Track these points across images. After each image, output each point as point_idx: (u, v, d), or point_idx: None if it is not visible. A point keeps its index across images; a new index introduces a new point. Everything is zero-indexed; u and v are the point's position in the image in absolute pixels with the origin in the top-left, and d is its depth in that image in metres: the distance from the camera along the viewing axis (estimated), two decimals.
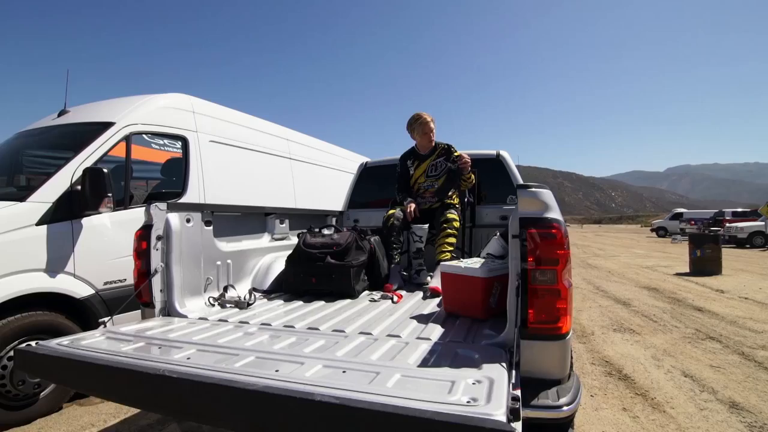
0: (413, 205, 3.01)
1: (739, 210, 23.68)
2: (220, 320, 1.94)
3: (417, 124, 3.16)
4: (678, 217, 27.40)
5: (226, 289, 2.36)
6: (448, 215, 2.91)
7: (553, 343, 1.36)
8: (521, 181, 3.65)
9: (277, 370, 1.18)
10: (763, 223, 17.54)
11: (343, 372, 1.17)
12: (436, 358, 1.32)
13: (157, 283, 2.05)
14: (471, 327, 1.73)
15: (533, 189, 1.41)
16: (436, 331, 1.66)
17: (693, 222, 22.95)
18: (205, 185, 3.99)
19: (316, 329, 1.72)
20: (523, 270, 1.36)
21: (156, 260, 2.05)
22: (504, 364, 1.24)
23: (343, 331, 1.67)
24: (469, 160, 3.02)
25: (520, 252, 1.37)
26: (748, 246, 17.15)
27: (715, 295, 6.69)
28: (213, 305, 2.28)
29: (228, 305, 2.26)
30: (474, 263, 1.93)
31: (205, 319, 1.98)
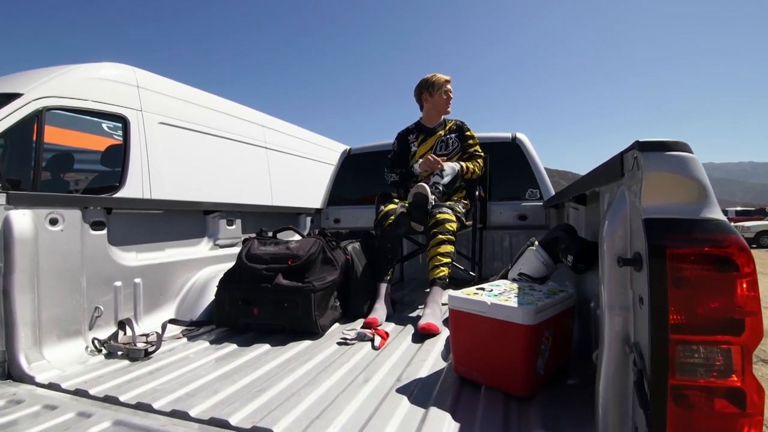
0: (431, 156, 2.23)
1: (741, 209, 23.02)
2: (77, 391, 1.14)
3: (434, 80, 2.36)
4: None
5: (122, 325, 1.56)
6: (438, 216, 1.99)
7: None
8: (543, 171, 2.85)
9: None
10: None
11: None
12: None
13: None
14: (508, 419, 0.95)
15: (674, 152, 0.62)
16: (443, 429, 0.88)
17: None
18: (151, 177, 3.18)
19: (224, 423, 0.93)
20: (656, 342, 0.58)
21: None
22: None
23: None
24: (435, 161, 2.19)
25: (649, 301, 0.58)
26: (755, 246, 16.49)
27: None
28: (100, 351, 1.49)
29: (119, 353, 1.46)
30: (506, 294, 1.15)
31: (58, 386, 1.18)
